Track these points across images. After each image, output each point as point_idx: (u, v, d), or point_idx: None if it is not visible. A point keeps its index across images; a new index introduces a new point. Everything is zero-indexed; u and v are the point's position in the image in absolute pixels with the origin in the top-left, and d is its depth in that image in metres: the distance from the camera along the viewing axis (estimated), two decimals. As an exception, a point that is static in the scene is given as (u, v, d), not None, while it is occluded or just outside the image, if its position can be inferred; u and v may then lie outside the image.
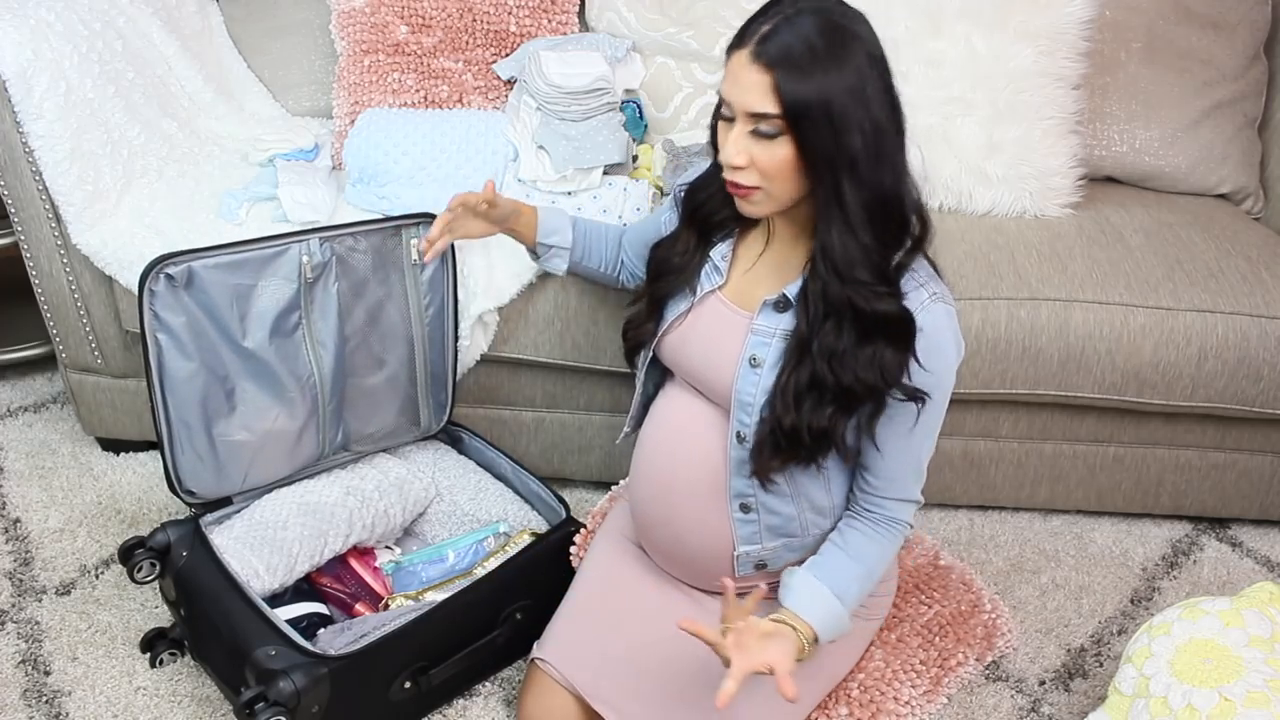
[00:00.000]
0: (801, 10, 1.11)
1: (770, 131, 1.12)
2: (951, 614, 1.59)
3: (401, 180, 1.81)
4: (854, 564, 1.26)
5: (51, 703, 1.51)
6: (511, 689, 1.55)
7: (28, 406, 2.14)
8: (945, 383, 1.23)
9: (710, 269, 1.32)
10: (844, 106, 1.09)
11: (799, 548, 1.33)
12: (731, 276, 1.31)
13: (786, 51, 1.09)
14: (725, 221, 1.31)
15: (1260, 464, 1.83)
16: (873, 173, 1.12)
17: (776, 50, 1.09)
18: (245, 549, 1.49)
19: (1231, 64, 2.03)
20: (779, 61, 1.09)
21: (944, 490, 1.88)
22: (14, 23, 1.65)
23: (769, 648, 1.13)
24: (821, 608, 1.22)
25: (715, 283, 1.31)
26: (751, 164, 1.14)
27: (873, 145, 1.11)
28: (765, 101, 1.10)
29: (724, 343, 1.28)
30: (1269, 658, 1.25)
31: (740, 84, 1.12)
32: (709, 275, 1.31)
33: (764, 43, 1.10)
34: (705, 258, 1.32)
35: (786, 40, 1.09)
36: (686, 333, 1.32)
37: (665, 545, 1.40)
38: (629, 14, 2.02)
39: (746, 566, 1.34)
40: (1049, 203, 1.90)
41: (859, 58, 1.11)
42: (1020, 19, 1.84)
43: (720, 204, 1.29)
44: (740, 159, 1.14)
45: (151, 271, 1.40)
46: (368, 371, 1.64)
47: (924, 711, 1.44)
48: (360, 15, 1.96)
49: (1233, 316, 1.68)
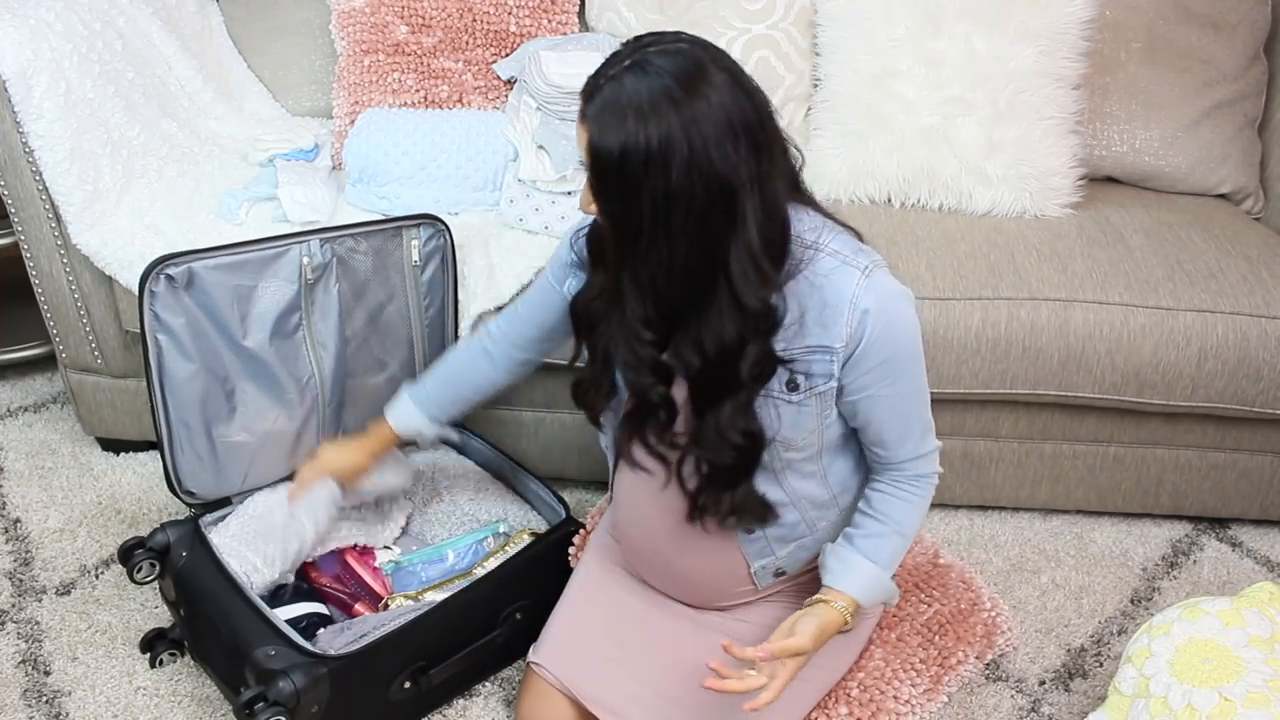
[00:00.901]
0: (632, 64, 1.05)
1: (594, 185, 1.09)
2: (951, 612, 1.58)
3: (401, 180, 1.82)
4: (882, 525, 1.26)
5: (51, 703, 1.51)
6: (511, 689, 1.55)
7: (28, 406, 2.14)
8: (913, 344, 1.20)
9: None
10: (636, 171, 1.03)
11: (812, 545, 1.33)
12: None
13: (602, 109, 1.05)
14: None
15: (1260, 464, 1.83)
16: (662, 241, 1.05)
17: (595, 105, 1.06)
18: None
19: (1231, 64, 2.03)
20: (594, 118, 1.06)
21: (944, 490, 1.88)
22: (14, 23, 1.65)
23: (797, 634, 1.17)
24: (856, 574, 1.24)
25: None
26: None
27: (662, 213, 1.04)
28: (585, 156, 1.08)
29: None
30: (1269, 658, 1.25)
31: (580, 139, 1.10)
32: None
33: (589, 99, 1.07)
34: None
35: (605, 97, 1.05)
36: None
37: (672, 581, 1.40)
38: (629, 14, 2.02)
39: (766, 578, 1.34)
40: (1049, 203, 1.90)
41: (670, 123, 1.01)
42: (1020, 19, 1.84)
43: None
44: (592, 207, 1.12)
45: (151, 272, 1.40)
46: (368, 372, 1.64)
47: (924, 710, 1.44)
48: (360, 15, 1.96)
49: (1233, 316, 1.68)
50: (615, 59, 1.07)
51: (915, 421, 1.25)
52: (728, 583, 1.36)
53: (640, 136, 1.02)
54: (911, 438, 1.25)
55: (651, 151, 1.02)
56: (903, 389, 1.21)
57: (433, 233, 1.62)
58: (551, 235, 1.77)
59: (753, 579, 1.34)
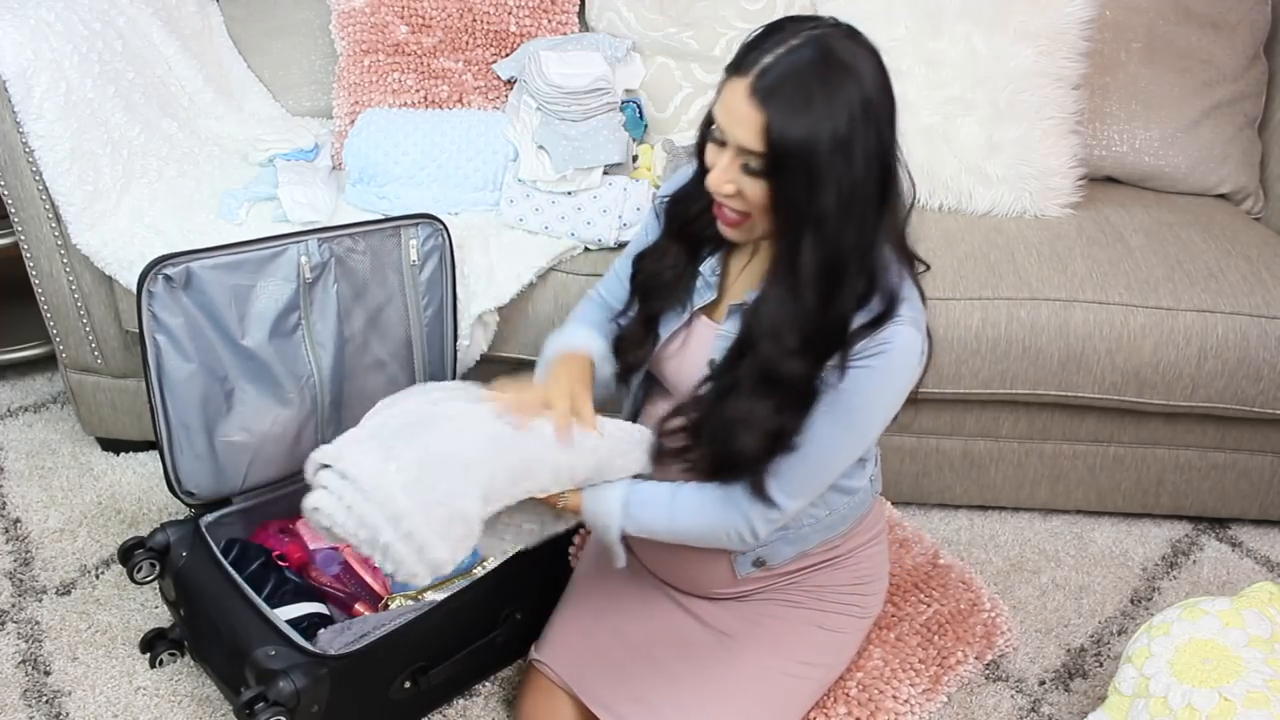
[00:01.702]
0: (805, 42, 1.04)
1: (756, 169, 1.07)
2: (951, 612, 1.58)
3: (401, 180, 1.82)
4: (666, 514, 1.23)
5: (51, 703, 1.51)
6: (511, 689, 1.55)
7: (28, 406, 2.14)
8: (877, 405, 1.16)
9: (702, 285, 1.28)
10: (826, 159, 1.03)
11: (795, 539, 1.33)
12: (722, 290, 1.28)
13: (781, 92, 1.03)
14: (716, 236, 1.26)
15: (1260, 464, 1.83)
16: (838, 231, 1.06)
17: (772, 88, 1.03)
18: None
19: (1231, 64, 2.03)
20: (772, 102, 1.03)
21: (944, 490, 1.88)
22: (14, 23, 1.65)
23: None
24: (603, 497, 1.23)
25: (707, 299, 1.27)
26: (739, 194, 1.11)
27: (845, 203, 1.05)
28: (755, 140, 1.05)
29: (701, 353, 1.26)
30: (1269, 658, 1.25)
31: (734, 116, 1.06)
32: (700, 292, 1.28)
33: (762, 77, 1.03)
34: (695, 273, 1.28)
35: (783, 78, 1.03)
36: (682, 350, 1.29)
37: (659, 555, 1.40)
38: (629, 14, 2.02)
39: (745, 565, 1.34)
40: (1049, 203, 1.90)
41: (853, 106, 1.03)
42: (1020, 19, 1.84)
43: (709, 215, 1.24)
44: (727, 187, 1.11)
45: (150, 272, 1.40)
46: (367, 372, 1.64)
47: (923, 710, 1.44)
48: (360, 15, 1.96)
49: (1233, 316, 1.68)
50: (774, 35, 1.06)
51: (799, 472, 1.18)
52: (708, 565, 1.35)
53: (828, 123, 1.01)
54: (779, 480, 1.18)
55: (839, 138, 1.02)
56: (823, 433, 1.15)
57: (431, 232, 1.62)
58: (552, 235, 1.77)
59: (732, 566, 1.34)
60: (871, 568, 1.44)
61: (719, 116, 1.09)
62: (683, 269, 1.28)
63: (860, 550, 1.41)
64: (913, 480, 1.86)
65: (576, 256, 1.77)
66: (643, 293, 1.32)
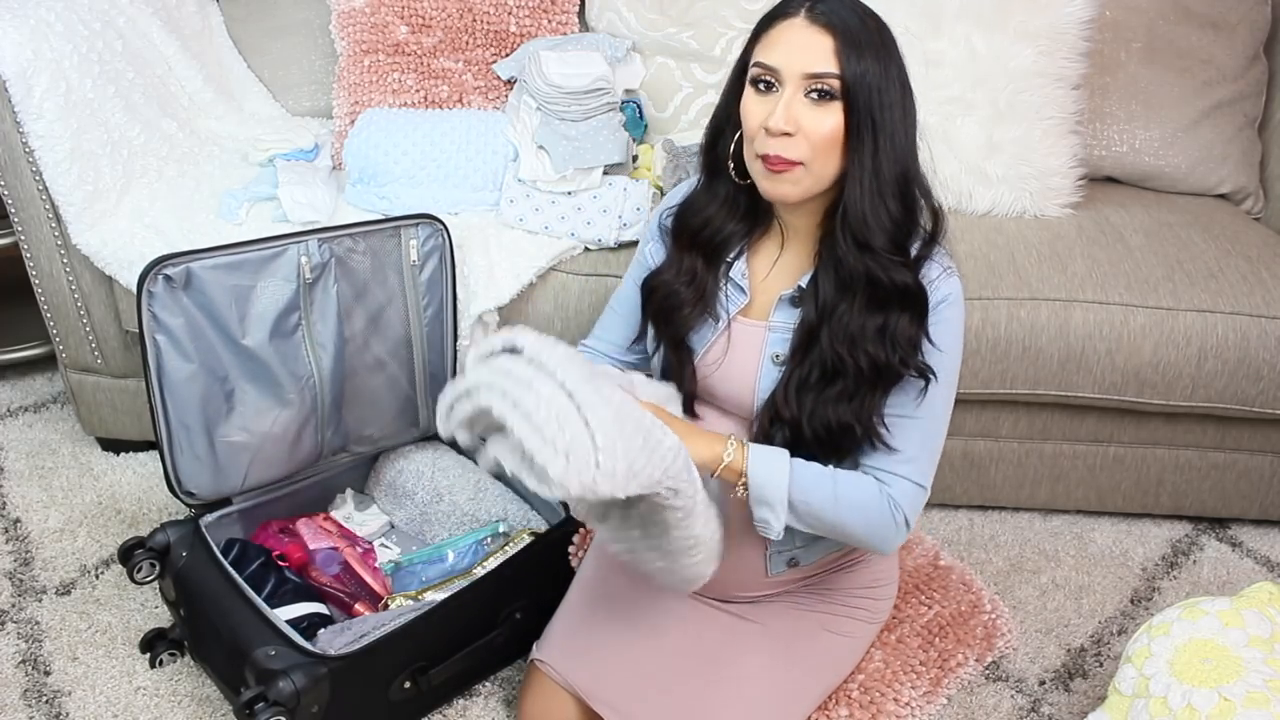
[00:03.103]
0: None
1: (830, 91, 1.11)
2: (951, 614, 1.59)
3: (401, 180, 1.81)
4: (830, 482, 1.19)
5: (51, 703, 1.51)
6: (511, 689, 1.55)
7: (28, 406, 2.14)
8: (957, 358, 1.22)
9: (733, 289, 1.27)
10: (888, 82, 1.12)
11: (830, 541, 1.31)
12: (753, 291, 1.27)
13: (843, 19, 1.11)
14: (732, 238, 1.27)
15: (1260, 464, 1.83)
16: (904, 150, 1.14)
17: (834, 16, 1.11)
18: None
19: (1231, 64, 2.03)
20: (839, 26, 1.10)
21: (944, 490, 1.88)
22: (14, 23, 1.65)
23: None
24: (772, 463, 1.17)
25: (740, 303, 1.26)
26: (800, 132, 1.12)
27: (904, 125, 1.14)
28: (826, 62, 1.10)
29: (748, 357, 1.25)
30: (1269, 658, 1.25)
31: (795, 46, 1.12)
32: (732, 297, 1.27)
33: (816, 8, 1.12)
34: (720, 280, 1.27)
35: (839, 9, 1.12)
36: (725, 359, 1.27)
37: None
38: (629, 14, 2.02)
39: (779, 565, 1.34)
40: (1049, 203, 1.90)
41: (893, 44, 1.14)
42: (1020, 19, 1.84)
43: (726, 219, 1.26)
44: (790, 124, 1.12)
45: (149, 273, 1.40)
46: (367, 372, 1.64)
47: (924, 712, 1.44)
48: (360, 15, 1.96)
49: (1233, 316, 1.68)
50: None
51: (926, 442, 1.21)
52: (740, 565, 1.33)
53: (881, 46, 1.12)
54: (914, 457, 1.20)
55: (891, 59, 1.13)
56: (926, 401, 1.19)
57: (431, 232, 1.62)
58: (552, 235, 1.77)
59: (766, 563, 1.33)
60: (883, 569, 1.45)
61: (772, 57, 1.13)
62: (702, 278, 1.27)
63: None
64: (913, 480, 1.86)
65: (576, 256, 1.77)
66: (664, 314, 1.28)
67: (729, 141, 1.22)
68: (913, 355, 1.16)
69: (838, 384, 1.17)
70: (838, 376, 1.17)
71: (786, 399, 1.19)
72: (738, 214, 1.26)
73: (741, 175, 1.23)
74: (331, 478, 1.75)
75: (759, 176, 1.18)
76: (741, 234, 1.27)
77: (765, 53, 1.14)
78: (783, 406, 1.20)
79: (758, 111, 1.15)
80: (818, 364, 1.18)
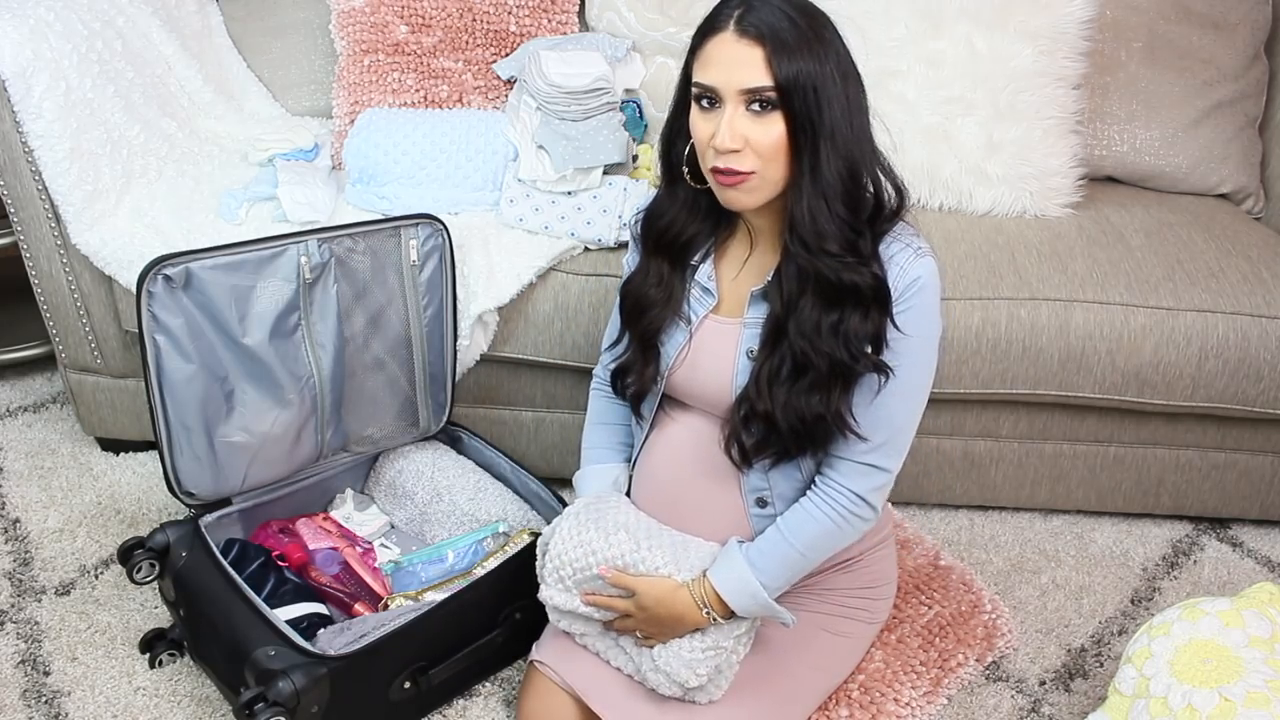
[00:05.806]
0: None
1: (769, 100, 1.11)
2: (951, 615, 1.59)
3: (401, 180, 1.81)
4: (786, 545, 1.25)
5: (51, 703, 1.51)
6: (511, 689, 1.55)
7: (28, 406, 2.14)
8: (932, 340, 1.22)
9: (700, 292, 1.29)
10: (825, 79, 1.11)
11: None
12: (721, 293, 1.29)
13: (772, 25, 1.10)
14: (697, 239, 1.29)
15: (1260, 464, 1.83)
16: (848, 144, 1.14)
17: (762, 25, 1.10)
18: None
19: (1231, 64, 2.02)
20: (765, 35, 1.10)
21: (944, 490, 1.88)
22: (14, 23, 1.64)
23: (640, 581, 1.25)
24: (732, 574, 1.24)
25: (709, 305, 1.29)
26: (747, 145, 1.13)
27: (847, 117, 1.13)
28: (760, 75, 1.10)
29: (724, 354, 1.27)
30: (1269, 658, 1.25)
31: (727, 62, 1.12)
32: (700, 300, 1.29)
33: (744, 20, 1.11)
34: (688, 283, 1.30)
35: (766, 17, 1.11)
36: (692, 360, 1.29)
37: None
38: (629, 14, 2.02)
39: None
40: (1049, 203, 1.90)
41: (829, 33, 1.14)
42: (1020, 19, 1.84)
43: (687, 221, 1.28)
44: (736, 141, 1.13)
45: (149, 273, 1.40)
46: (367, 372, 1.64)
47: (924, 712, 1.44)
48: (360, 15, 1.96)
49: (1233, 316, 1.68)
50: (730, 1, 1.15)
51: (886, 426, 1.22)
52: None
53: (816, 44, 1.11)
54: (874, 439, 1.21)
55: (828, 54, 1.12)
56: (899, 382, 1.20)
57: (431, 232, 1.62)
58: (552, 235, 1.76)
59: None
60: (881, 570, 1.45)
61: (708, 76, 1.14)
62: (669, 281, 1.30)
63: (870, 553, 1.42)
64: (913, 480, 1.86)
65: (576, 256, 1.77)
66: (634, 315, 1.32)
67: (681, 150, 1.24)
68: (865, 353, 1.17)
69: (809, 375, 1.18)
70: (808, 368, 1.18)
71: (759, 392, 1.20)
72: (699, 215, 1.28)
73: (698, 180, 1.25)
74: (331, 478, 1.75)
75: (716, 188, 1.20)
76: (707, 233, 1.29)
77: (702, 72, 1.15)
78: (756, 400, 1.21)
79: (705, 128, 1.16)
80: (788, 356, 1.19)
